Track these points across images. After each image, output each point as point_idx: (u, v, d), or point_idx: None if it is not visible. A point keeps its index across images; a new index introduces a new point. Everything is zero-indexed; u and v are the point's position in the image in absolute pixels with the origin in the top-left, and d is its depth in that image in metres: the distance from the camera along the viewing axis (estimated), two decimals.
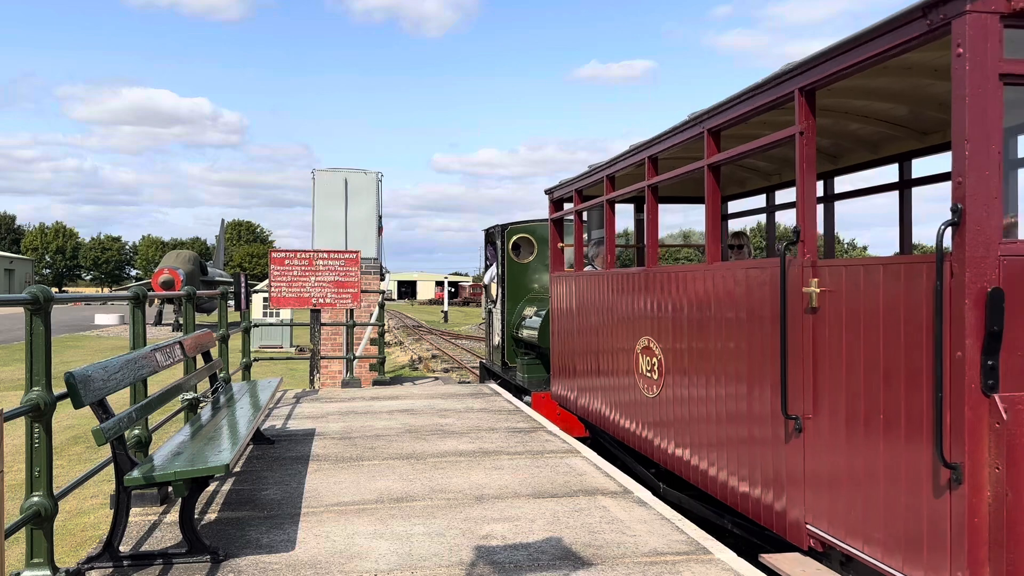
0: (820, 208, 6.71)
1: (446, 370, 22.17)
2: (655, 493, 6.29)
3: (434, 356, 26.43)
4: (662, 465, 6.41)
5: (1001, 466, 3.17)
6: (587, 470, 6.33)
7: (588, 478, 6.06)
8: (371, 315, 13.57)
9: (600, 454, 7.43)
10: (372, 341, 13.61)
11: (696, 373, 5.68)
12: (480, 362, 14.89)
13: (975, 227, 3.20)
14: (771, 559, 4.40)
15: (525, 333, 11.62)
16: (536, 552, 4.38)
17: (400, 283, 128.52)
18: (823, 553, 4.28)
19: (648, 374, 6.56)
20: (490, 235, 13.43)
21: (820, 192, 6.78)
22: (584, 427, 8.73)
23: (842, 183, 6.93)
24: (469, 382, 14.70)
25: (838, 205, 6.89)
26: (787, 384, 4.41)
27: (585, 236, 9.15)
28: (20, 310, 3.98)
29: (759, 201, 7.99)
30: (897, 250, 6.11)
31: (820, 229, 5.94)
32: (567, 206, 9.14)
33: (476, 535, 4.67)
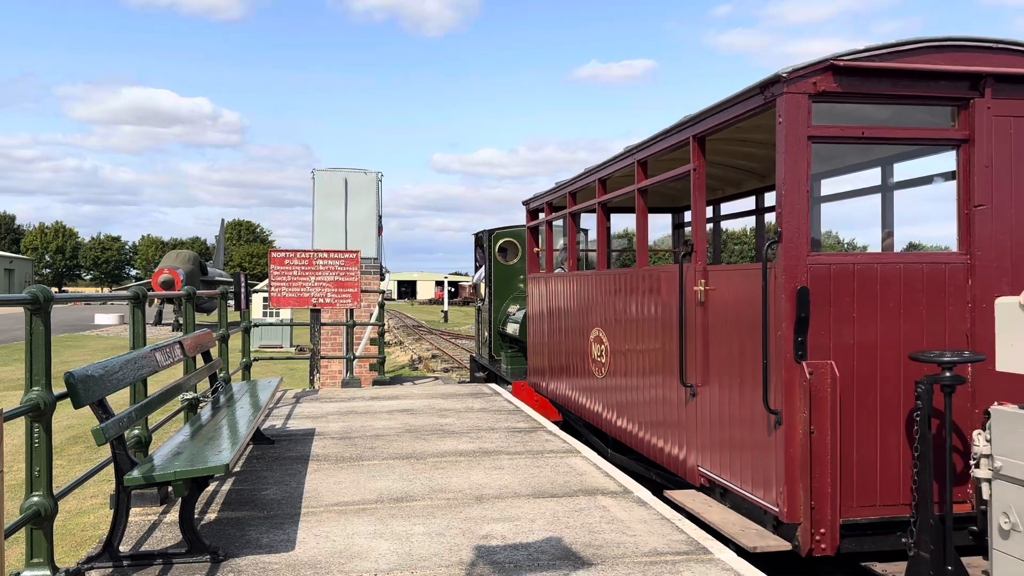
0: (755, 220, 8.17)
1: (446, 370, 22.16)
2: (604, 457, 7.43)
3: (434, 356, 26.43)
4: (610, 435, 7.62)
5: (807, 412, 4.37)
6: (587, 470, 6.33)
7: (588, 478, 6.06)
8: (371, 315, 13.57)
9: (570, 434, 8.23)
10: (372, 341, 13.61)
11: (630, 356, 6.96)
12: (470, 356, 16.23)
13: (789, 244, 4.48)
14: (672, 494, 5.64)
15: (509, 328, 12.86)
16: (536, 552, 4.38)
17: (400, 283, 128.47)
18: (709, 488, 5.53)
19: (599, 359, 7.79)
20: (479, 239, 14.49)
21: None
22: (557, 411, 9.75)
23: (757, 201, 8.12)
24: (469, 382, 14.84)
25: (838, 206, 7.87)
26: (684, 360, 5.71)
27: (563, 241, 10.10)
28: (20, 310, 3.98)
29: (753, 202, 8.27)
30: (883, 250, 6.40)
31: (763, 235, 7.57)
32: (542, 215, 10.19)
33: (476, 535, 4.67)
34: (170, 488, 5.13)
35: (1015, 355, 3.30)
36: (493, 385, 12.04)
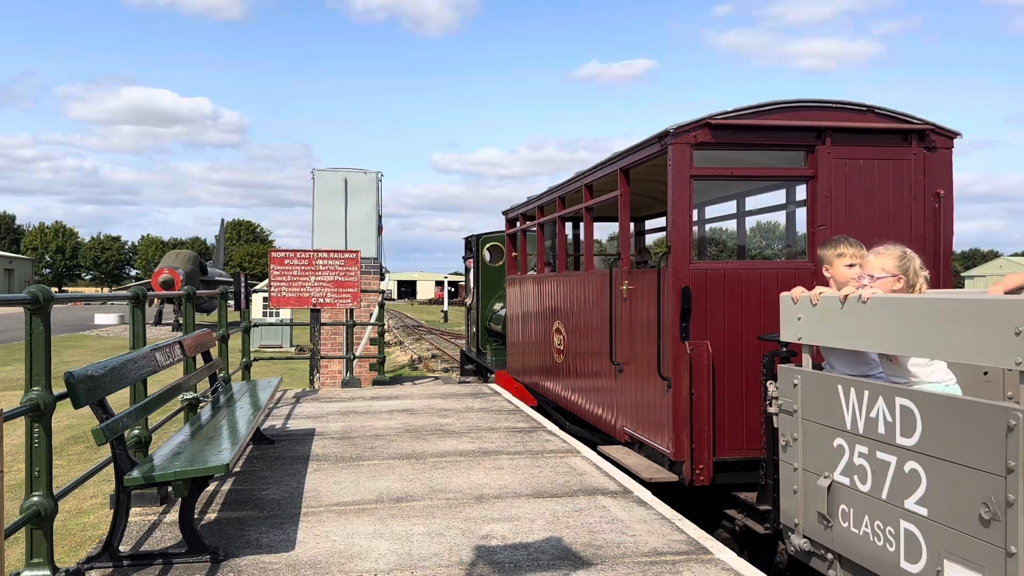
0: (693, 226, 9.67)
1: (446, 370, 22.15)
2: (563, 429, 8.53)
3: (434, 356, 26.41)
4: (568, 411, 8.98)
5: (689, 379, 5.73)
6: (587, 470, 6.33)
7: (588, 478, 6.06)
8: (371, 315, 13.57)
9: (542, 415, 9.36)
10: (372, 341, 13.60)
11: (579, 344, 8.40)
12: (461, 350, 18.00)
13: (676, 255, 5.89)
14: (603, 448, 7.11)
15: (494, 324, 14.32)
16: (536, 552, 4.38)
17: (400, 283, 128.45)
18: (630, 443, 6.94)
19: (559, 347, 9.23)
20: (469, 243, 15.94)
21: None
22: (532, 396, 10.89)
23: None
24: (469, 381, 14.99)
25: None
26: (613, 344, 7.21)
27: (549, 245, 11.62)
28: (20, 310, 3.97)
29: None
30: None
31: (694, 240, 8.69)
32: (518, 224, 11.49)
33: (476, 535, 4.67)
34: (170, 488, 5.12)
35: (787, 331, 4.54)
36: (493, 385, 12.06)
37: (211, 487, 5.75)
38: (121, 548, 4.32)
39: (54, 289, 16.08)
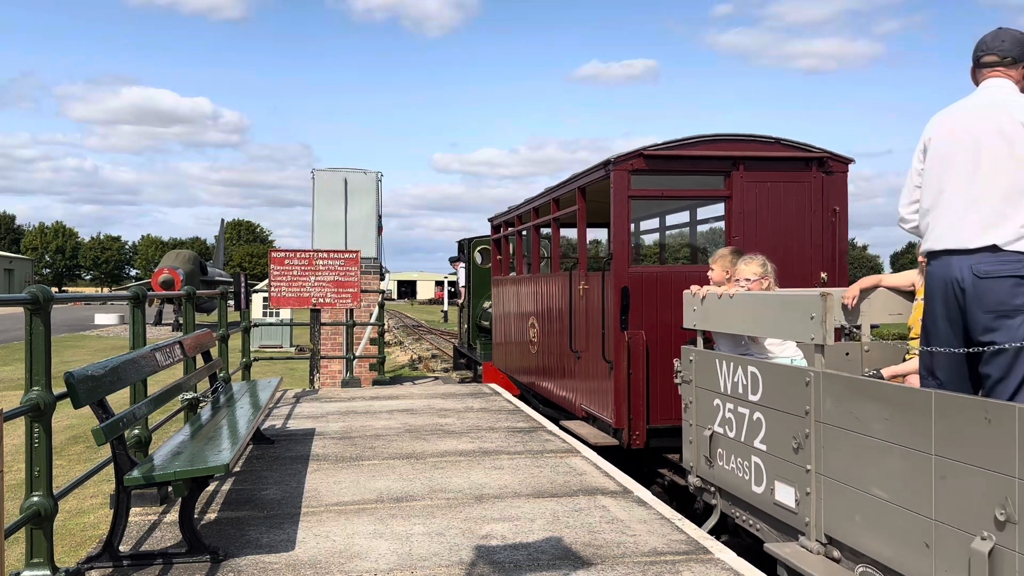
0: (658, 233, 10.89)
1: (446, 370, 22.13)
2: (537, 411, 9.62)
3: (434, 356, 26.40)
4: (542, 395, 10.03)
5: (627, 361, 6.86)
6: (587, 469, 6.33)
7: (588, 478, 6.06)
8: (371, 315, 13.57)
9: (524, 402, 10.41)
10: (372, 341, 13.60)
11: (548, 335, 9.54)
12: (454, 346, 19.78)
13: (617, 260, 7.00)
14: (564, 423, 8.21)
15: (484, 322, 15.36)
16: (536, 552, 4.38)
17: (400, 283, 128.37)
18: (585, 417, 8.06)
19: (533, 340, 10.33)
20: (461, 245, 17.50)
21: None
22: (515, 385, 11.97)
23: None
24: (469, 381, 15.12)
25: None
26: (573, 334, 8.37)
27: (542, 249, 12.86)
28: (20, 310, 3.98)
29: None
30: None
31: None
32: (502, 231, 12.52)
33: (476, 535, 4.67)
34: (170, 488, 5.12)
35: (687, 320, 5.70)
36: (493, 385, 12.07)
37: (211, 487, 5.75)
38: (121, 548, 4.32)
39: (54, 289, 16.07)
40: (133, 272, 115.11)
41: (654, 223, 10.31)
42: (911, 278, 4.58)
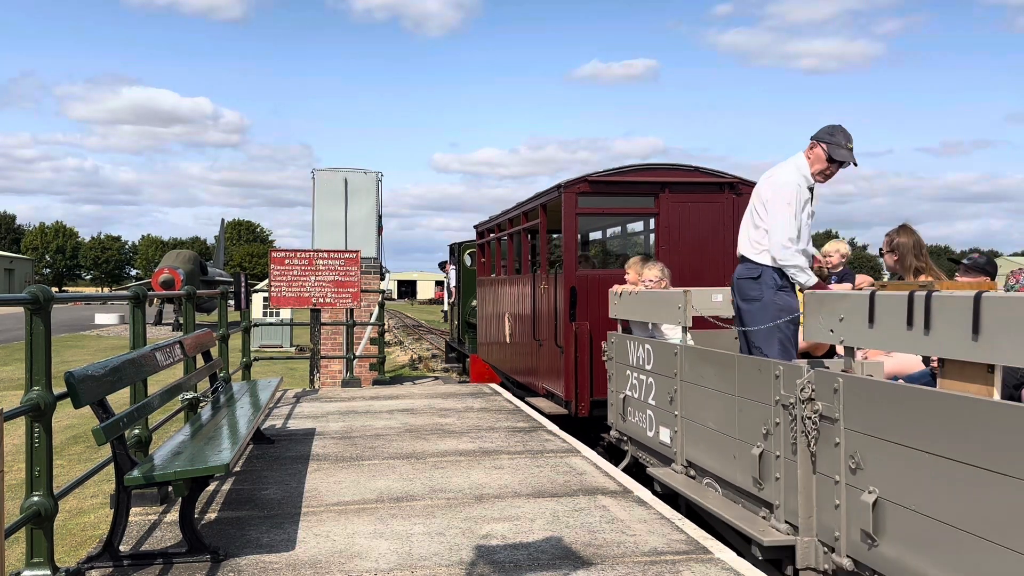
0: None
1: (446, 370, 22.13)
2: (513, 393, 11.09)
3: (434, 356, 26.35)
4: (514, 379, 11.61)
5: (575, 347, 8.43)
6: (587, 469, 6.33)
7: (588, 477, 6.06)
8: (371, 315, 13.57)
9: (506, 388, 11.81)
10: (372, 341, 13.60)
11: (518, 327, 11.09)
12: (446, 341, 22.24)
13: (567, 265, 8.58)
14: (529, 399, 9.80)
15: (472, 319, 16.76)
16: (536, 551, 4.38)
17: (400, 283, 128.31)
18: (546, 394, 9.64)
19: (507, 332, 11.86)
20: (452, 249, 19.48)
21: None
22: (496, 374, 13.37)
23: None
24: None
25: (838, 206, 11.93)
26: (536, 326, 9.93)
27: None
28: (20, 310, 3.97)
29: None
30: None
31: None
32: (486, 237, 13.99)
33: (476, 534, 4.68)
34: (170, 488, 5.12)
35: (611, 311, 7.24)
36: (493, 385, 12.09)
37: (211, 487, 5.76)
38: (121, 548, 4.32)
39: (54, 289, 16.06)
40: (133, 272, 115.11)
41: (599, 235, 12.46)
42: None
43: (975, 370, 3.20)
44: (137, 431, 5.30)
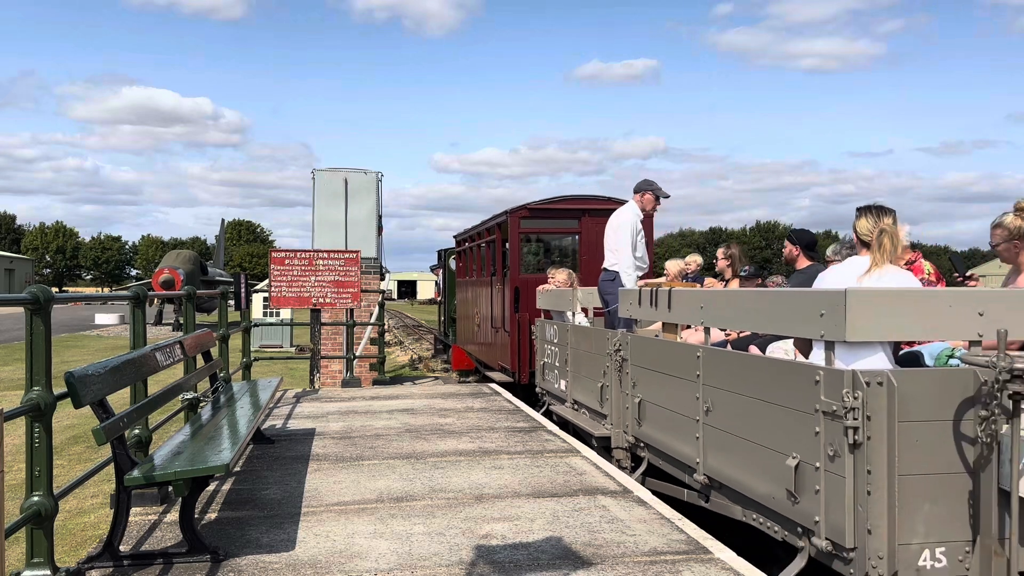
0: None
1: (446, 369, 22.14)
2: (480, 374, 14.32)
3: (434, 356, 26.38)
4: (482, 360, 14.12)
5: (517, 331, 11.63)
6: (587, 469, 6.33)
7: (588, 477, 6.06)
8: (371, 315, 13.57)
9: (477, 372, 14.72)
10: (372, 341, 13.60)
11: (484, 319, 13.65)
12: (434, 335, 26.48)
13: (512, 271, 11.84)
14: (487, 373, 12.91)
15: (454, 315, 19.06)
16: (536, 551, 4.38)
17: (400, 283, 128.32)
18: (499, 369, 12.28)
19: (480, 323, 14.16)
20: (439, 254, 22.90)
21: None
22: (472, 362, 15.59)
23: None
24: (469, 381, 15.27)
25: (839, 206, 14.51)
26: (493, 316, 12.68)
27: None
28: (20, 310, 3.98)
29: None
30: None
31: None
32: (463, 246, 16.67)
33: (476, 535, 4.68)
34: (170, 488, 5.12)
35: (539, 303, 9.95)
36: (493, 385, 12.09)
37: (211, 487, 5.76)
38: (121, 548, 4.32)
39: (54, 289, 16.05)
40: (133, 272, 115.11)
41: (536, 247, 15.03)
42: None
43: (671, 327, 6.22)
44: (137, 431, 5.30)
